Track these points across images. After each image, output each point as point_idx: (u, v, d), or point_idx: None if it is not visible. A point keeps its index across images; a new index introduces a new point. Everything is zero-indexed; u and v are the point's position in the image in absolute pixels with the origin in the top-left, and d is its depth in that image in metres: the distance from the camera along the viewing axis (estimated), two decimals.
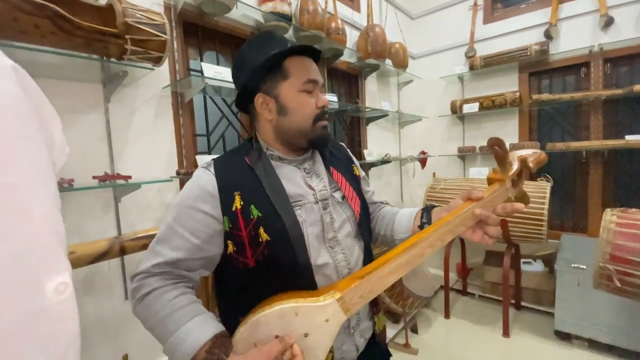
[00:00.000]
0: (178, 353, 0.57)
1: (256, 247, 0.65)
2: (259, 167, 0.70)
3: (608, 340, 1.98)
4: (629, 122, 2.35)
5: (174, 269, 0.64)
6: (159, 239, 0.66)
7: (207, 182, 0.66)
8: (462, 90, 3.04)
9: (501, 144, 0.66)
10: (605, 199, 2.46)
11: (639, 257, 1.25)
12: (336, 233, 0.73)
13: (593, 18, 2.34)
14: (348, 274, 0.71)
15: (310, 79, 0.70)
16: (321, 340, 0.58)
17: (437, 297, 2.85)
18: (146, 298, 0.62)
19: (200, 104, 1.69)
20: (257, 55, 0.69)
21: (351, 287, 0.58)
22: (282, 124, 0.71)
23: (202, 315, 0.61)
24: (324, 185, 0.75)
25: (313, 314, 0.57)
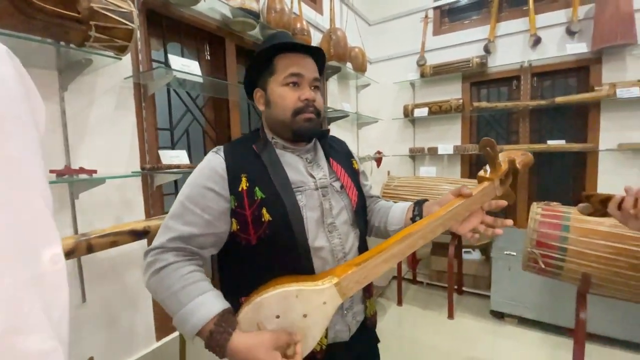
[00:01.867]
0: (188, 324, 0.60)
1: (259, 226, 0.70)
2: (264, 154, 0.75)
3: (534, 316, 2.32)
4: (550, 129, 2.77)
5: (187, 244, 0.68)
6: (172, 215, 0.70)
7: (217, 164, 0.71)
8: (414, 95, 3.28)
9: (492, 145, 0.71)
10: (531, 195, 2.86)
11: (558, 242, 1.50)
12: (334, 219, 0.78)
13: (524, 37, 2.70)
14: (343, 257, 0.77)
15: (293, 72, 0.74)
16: (319, 320, 0.63)
17: (390, 287, 3.05)
18: (161, 272, 0.65)
19: (163, 96, 1.63)
20: (259, 53, 0.76)
21: (348, 273, 0.63)
22: (269, 116, 0.79)
23: (213, 292, 0.65)
24: (324, 174, 0.81)
25: (312, 296, 0.62)
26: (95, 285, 1.25)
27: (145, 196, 1.44)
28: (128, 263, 1.37)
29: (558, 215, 1.57)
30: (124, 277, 1.35)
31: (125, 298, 1.36)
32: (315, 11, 2.59)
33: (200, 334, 0.61)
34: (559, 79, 2.70)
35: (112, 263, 1.31)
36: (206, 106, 1.85)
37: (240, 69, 2.03)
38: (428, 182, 2.72)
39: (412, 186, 2.75)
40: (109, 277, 1.30)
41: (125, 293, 1.36)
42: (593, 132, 2.50)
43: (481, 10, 2.96)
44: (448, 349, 2.19)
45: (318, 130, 0.81)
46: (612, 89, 2.31)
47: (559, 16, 2.56)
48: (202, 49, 1.82)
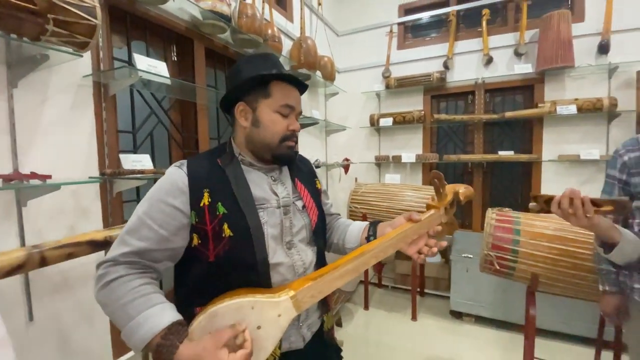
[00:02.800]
0: (135, 337, 0.59)
1: (219, 241, 0.70)
2: (229, 169, 0.76)
3: (489, 314, 2.49)
4: (501, 141, 3.02)
5: (141, 258, 0.67)
6: (129, 230, 0.68)
7: (178, 179, 0.71)
8: (379, 105, 3.41)
9: (440, 178, 0.81)
10: (485, 201, 3.09)
11: (510, 245, 1.64)
12: (293, 237, 0.81)
13: (478, 56, 2.93)
14: (303, 272, 0.80)
15: (288, 104, 0.79)
16: (272, 333, 0.63)
17: (357, 292, 3.11)
18: (111, 284, 0.64)
19: (126, 97, 1.53)
20: (250, 69, 0.78)
21: (304, 287, 0.65)
22: (254, 134, 0.79)
23: (162, 304, 0.64)
24: (288, 193, 0.83)
25: (267, 308, 0.63)
26: (44, 301, 1.13)
27: (104, 203, 1.34)
28: (82, 276, 1.25)
29: (510, 220, 1.71)
30: (77, 292, 1.24)
31: (78, 315, 1.24)
32: (286, 19, 2.60)
33: (147, 347, 0.60)
34: (508, 95, 2.96)
35: (64, 277, 1.19)
36: (172, 109, 1.78)
37: (209, 71, 1.98)
38: (393, 188, 2.83)
39: (378, 192, 2.84)
40: (60, 293, 1.19)
41: (79, 309, 1.24)
42: (537, 144, 2.77)
43: (441, 29, 3.18)
44: (411, 350, 2.27)
45: (294, 157, 0.85)
46: (553, 106, 2.58)
47: (508, 39, 2.83)
48: (168, 49, 1.75)
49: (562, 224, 1.63)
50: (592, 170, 2.61)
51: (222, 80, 2.12)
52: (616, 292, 1.21)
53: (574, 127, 2.64)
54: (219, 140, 2.09)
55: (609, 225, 0.83)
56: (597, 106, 2.47)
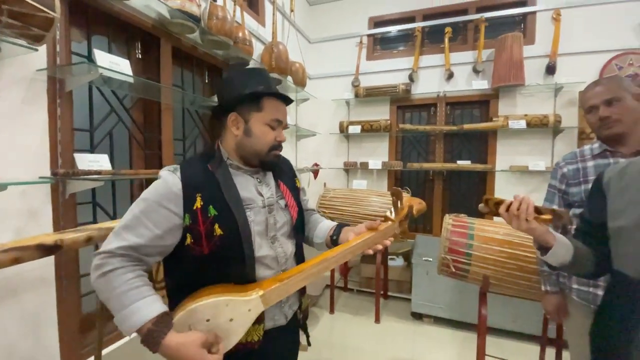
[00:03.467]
0: (128, 322, 0.68)
1: (210, 239, 0.79)
2: (219, 174, 0.84)
3: (447, 315, 2.62)
4: (460, 151, 3.21)
5: (135, 252, 0.74)
6: (125, 226, 0.75)
7: (173, 184, 0.78)
8: (349, 113, 3.50)
9: (397, 194, 0.94)
10: (444, 207, 3.26)
11: (465, 248, 1.75)
12: (276, 232, 0.92)
13: (440, 71, 3.11)
14: (285, 262, 0.91)
15: (278, 118, 0.89)
16: (242, 323, 0.75)
17: (323, 295, 3.13)
18: (108, 274, 0.71)
19: (83, 93, 1.46)
20: (244, 83, 0.86)
21: (272, 287, 0.77)
22: (245, 143, 0.88)
23: (153, 296, 0.73)
24: (272, 193, 0.93)
25: (240, 305, 0.74)
26: None
27: (55, 206, 1.26)
28: (28, 283, 1.17)
29: (465, 225, 1.83)
30: (22, 300, 1.15)
31: (23, 324, 1.15)
32: (258, 22, 2.61)
33: (138, 332, 0.68)
34: (467, 108, 3.17)
35: (6, 283, 1.11)
36: (135, 107, 1.71)
37: (176, 71, 1.94)
38: (360, 194, 2.91)
39: (345, 197, 2.90)
40: (3, 300, 1.10)
41: (25, 318, 1.15)
42: (491, 155, 2.99)
43: (407, 43, 3.34)
44: (374, 352, 2.33)
45: (278, 164, 0.97)
46: (506, 120, 2.80)
47: (467, 56, 3.03)
48: (133, 46, 1.69)
49: (511, 229, 1.77)
50: (539, 180, 2.85)
51: (189, 81, 2.07)
52: (556, 292, 1.33)
53: (524, 140, 2.88)
54: (184, 141, 2.04)
55: (544, 230, 0.92)
56: (544, 122, 2.72)
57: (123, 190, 1.68)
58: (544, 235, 0.92)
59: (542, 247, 0.96)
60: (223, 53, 2.12)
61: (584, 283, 1.20)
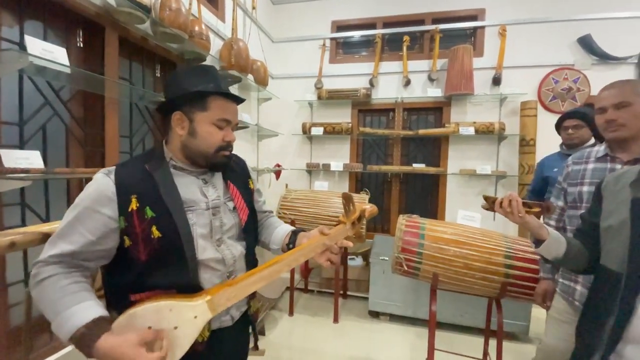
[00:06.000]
0: (62, 330, 0.66)
1: (149, 242, 0.76)
2: (158, 174, 0.80)
3: (401, 312, 2.72)
4: (415, 154, 3.36)
5: (70, 258, 0.72)
6: (59, 234, 0.73)
7: (106, 187, 0.75)
8: (312, 114, 3.51)
9: (348, 198, 0.97)
10: (401, 208, 3.38)
11: (416, 248, 1.83)
12: (223, 235, 0.89)
13: (398, 77, 3.24)
14: (233, 264, 0.89)
15: (225, 118, 0.85)
16: (188, 332, 0.70)
17: (283, 298, 3.11)
18: (42, 283, 0.69)
19: (11, 83, 1.32)
20: (189, 81, 0.83)
21: (220, 292, 0.73)
22: (190, 143, 0.84)
23: (89, 302, 0.70)
24: (218, 195, 0.90)
25: (184, 310, 0.69)
26: None
27: None
28: None
29: (417, 225, 1.91)
30: None
31: None
32: (217, 17, 2.53)
33: (72, 338, 0.66)
34: (422, 114, 3.33)
35: None
36: (73, 100, 1.57)
37: (123, 62, 1.81)
38: (321, 195, 2.93)
39: (307, 199, 2.91)
40: None
41: None
42: (444, 159, 3.16)
43: (368, 49, 3.43)
44: (332, 352, 2.35)
45: (228, 164, 0.94)
46: (457, 127, 2.98)
47: (423, 65, 3.18)
48: (73, 33, 1.55)
49: (457, 229, 1.88)
50: (485, 183, 3.06)
51: (138, 74, 1.96)
52: (548, 278, 1.41)
53: (472, 145, 3.09)
54: (131, 138, 1.92)
55: (538, 225, 1.02)
56: (490, 129, 2.93)
57: (59, 191, 1.53)
58: (538, 229, 1.01)
59: (537, 240, 1.04)
60: (177, 47, 2.03)
61: (567, 277, 1.30)
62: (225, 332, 0.90)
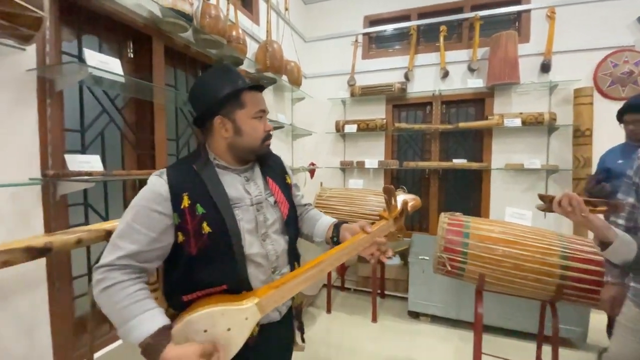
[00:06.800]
0: (130, 337, 0.70)
1: (199, 237, 0.79)
2: (205, 174, 0.84)
3: (443, 313, 2.63)
4: (455, 149, 3.22)
5: (134, 261, 0.75)
6: (120, 235, 0.76)
7: (159, 187, 0.80)
8: (345, 112, 3.49)
9: (390, 192, 0.94)
10: (440, 205, 3.26)
11: (460, 247, 1.75)
12: (267, 229, 0.91)
13: (436, 69, 3.11)
14: (276, 259, 0.92)
15: (261, 109, 0.90)
16: (240, 332, 0.74)
17: (320, 295, 3.13)
18: (109, 289, 0.72)
19: (74, 94, 1.44)
20: (219, 86, 0.86)
21: (267, 294, 0.77)
22: (237, 142, 0.88)
23: (153, 310, 0.74)
24: (260, 191, 0.94)
25: (236, 314, 0.74)
26: None
27: (46, 207, 1.24)
28: (20, 286, 1.15)
29: (461, 224, 1.82)
30: (14, 303, 1.13)
31: (16, 327, 1.14)
32: (252, 21, 2.59)
33: (139, 345, 0.70)
34: (462, 107, 3.18)
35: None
36: (126, 107, 1.69)
37: (169, 70, 1.92)
38: (356, 193, 2.90)
39: (342, 197, 2.90)
40: None
41: (17, 321, 1.14)
42: (487, 154, 2.99)
43: (403, 42, 3.33)
44: (371, 351, 2.33)
45: (270, 151, 1.00)
46: (501, 118, 2.81)
47: (462, 55, 3.03)
48: (125, 45, 1.67)
49: (506, 227, 1.77)
50: (534, 178, 2.86)
51: (182, 80, 2.06)
52: (616, 283, 1.25)
53: (519, 138, 2.89)
54: (177, 141, 2.03)
55: (605, 226, 0.92)
56: (539, 120, 2.72)
57: (115, 192, 1.66)
58: (604, 231, 0.92)
59: (602, 243, 0.95)
60: (216, 52, 2.11)
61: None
62: (273, 327, 0.93)
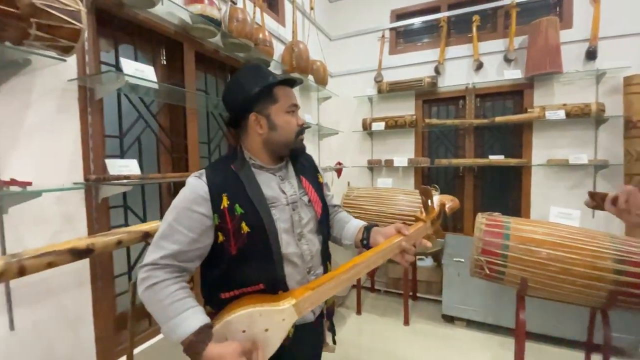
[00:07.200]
0: (174, 334, 0.72)
1: (239, 237, 0.81)
2: (242, 174, 0.86)
3: (480, 318, 2.50)
4: (492, 145, 3.04)
5: (176, 261, 0.78)
6: (162, 235, 0.79)
7: (199, 188, 0.81)
8: (372, 109, 3.42)
9: (427, 192, 0.91)
10: (476, 205, 3.10)
11: (500, 249, 1.64)
12: (302, 229, 0.92)
13: (468, 61, 2.96)
14: (310, 259, 0.92)
15: (293, 103, 0.91)
16: (278, 333, 0.76)
17: (350, 296, 3.09)
18: (153, 287, 0.75)
19: (112, 101, 1.51)
20: (251, 83, 0.86)
21: (304, 295, 0.77)
22: (272, 137, 0.89)
23: (195, 308, 0.76)
24: (294, 191, 0.94)
25: (273, 315, 0.75)
26: (26, 310, 1.10)
27: (89, 210, 1.31)
28: (66, 284, 1.23)
29: (500, 225, 1.71)
30: (61, 300, 1.21)
31: (62, 323, 1.21)
32: (278, 23, 2.61)
33: (182, 343, 0.72)
34: (498, 100, 3.00)
35: (47, 284, 1.17)
36: (161, 113, 1.76)
37: (199, 75, 1.97)
38: (385, 192, 2.83)
39: (370, 197, 2.84)
40: (43, 301, 1.16)
41: (63, 317, 1.21)
42: (527, 149, 2.80)
43: (432, 35, 3.21)
44: (403, 355, 2.26)
45: (305, 147, 0.99)
46: (542, 111, 2.62)
47: (498, 45, 2.86)
48: (158, 52, 1.73)
49: (551, 228, 1.64)
50: (580, 175, 2.64)
51: (212, 84, 2.11)
52: None
53: (563, 132, 2.68)
54: (209, 144, 2.08)
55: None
56: (585, 111, 2.51)
57: (152, 194, 1.73)
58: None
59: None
60: (245, 55, 2.13)
61: None
62: (308, 327, 0.93)
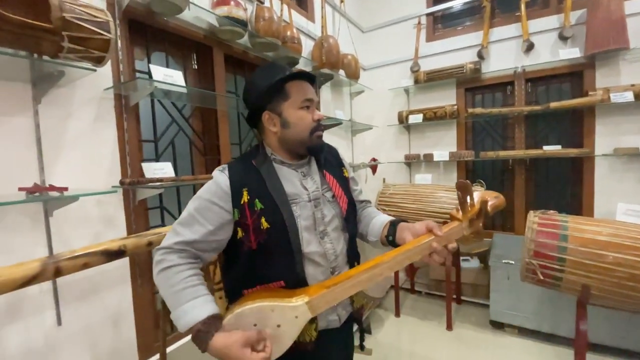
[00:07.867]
0: (182, 320, 0.72)
1: (258, 233, 0.80)
2: (263, 169, 0.85)
3: (534, 326, 2.26)
4: (546, 134, 2.73)
5: (191, 248, 0.78)
6: (181, 223, 0.81)
7: (222, 182, 0.82)
8: (408, 101, 3.25)
9: (465, 188, 0.80)
10: (528, 202, 2.82)
11: (556, 252, 1.45)
12: (326, 226, 0.88)
13: (517, 43, 2.68)
14: (334, 259, 0.87)
15: (307, 98, 0.86)
16: (290, 330, 0.73)
17: (388, 297, 2.98)
18: (167, 271, 0.76)
19: (147, 107, 1.58)
20: (263, 81, 0.85)
21: (319, 294, 0.73)
22: (286, 135, 0.86)
23: (206, 297, 0.76)
24: (317, 187, 0.90)
25: (286, 311, 0.73)
26: (72, 306, 1.19)
27: (127, 211, 1.39)
28: (108, 282, 1.31)
29: (556, 224, 1.52)
30: (104, 297, 1.29)
31: (105, 318, 1.29)
32: (307, 19, 2.57)
33: (190, 330, 0.71)
34: (553, 84, 2.68)
35: (90, 282, 1.25)
36: (193, 116, 1.81)
37: (229, 77, 2.00)
38: (424, 189, 2.68)
39: (407, 194, 2.70)
40: (87, 297, 1.24)
41: (106, 313, 1.30)
42: (588, 137, 2.47)
43: (474, 17, 2.95)
44: None
45: (324, 145, 0.94)
46: (606, 93, 2.28)
47: (551, 22, 2.55)
48: (189, 57, 1.78)
49: (618, 228, 1.42)
50: None
51: (242, 86, 2.13)
52: None
53: (632, 116, 2.31)
54: (241, 145, 2.10)
55: None
56: None
57: (187, 195, 1.78)
58: None
59: None
60: (273, 54, 2.12)
61: None
62: (334, 333, 0.90)
